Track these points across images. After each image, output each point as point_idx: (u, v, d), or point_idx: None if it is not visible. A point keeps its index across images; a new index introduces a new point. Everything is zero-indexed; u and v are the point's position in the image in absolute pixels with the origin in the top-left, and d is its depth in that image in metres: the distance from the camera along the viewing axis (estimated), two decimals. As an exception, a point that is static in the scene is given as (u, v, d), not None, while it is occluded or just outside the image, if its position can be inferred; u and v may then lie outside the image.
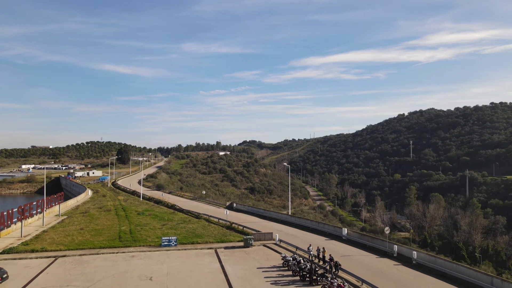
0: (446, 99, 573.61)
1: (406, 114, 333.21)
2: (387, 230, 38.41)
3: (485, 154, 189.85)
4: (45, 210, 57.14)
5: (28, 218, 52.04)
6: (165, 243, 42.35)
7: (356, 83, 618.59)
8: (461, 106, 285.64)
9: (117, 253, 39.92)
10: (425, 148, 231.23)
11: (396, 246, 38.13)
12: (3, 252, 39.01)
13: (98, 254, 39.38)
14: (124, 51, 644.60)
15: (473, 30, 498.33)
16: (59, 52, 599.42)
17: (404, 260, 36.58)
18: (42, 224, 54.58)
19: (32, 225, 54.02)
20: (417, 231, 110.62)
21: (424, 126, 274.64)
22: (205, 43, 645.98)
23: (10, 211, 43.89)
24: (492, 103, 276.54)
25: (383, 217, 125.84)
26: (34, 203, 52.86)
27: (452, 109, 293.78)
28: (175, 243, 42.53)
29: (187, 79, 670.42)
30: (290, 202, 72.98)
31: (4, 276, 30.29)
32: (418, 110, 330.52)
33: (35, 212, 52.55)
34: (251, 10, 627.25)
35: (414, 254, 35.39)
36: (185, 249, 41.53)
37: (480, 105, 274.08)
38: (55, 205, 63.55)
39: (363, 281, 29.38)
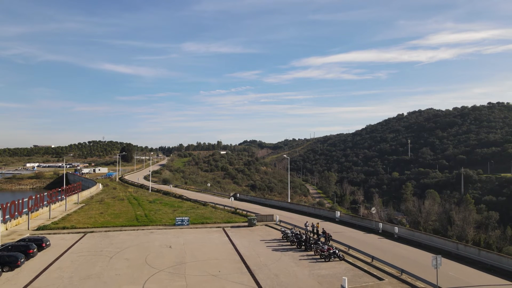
0: (447, 99, 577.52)
1: (405, 114, 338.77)
2: (373, 210, 43.90)
3: (481, 153, 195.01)
4: (66, 198, 62.80)
5: (52, 203, 57.57)
6: (178, 222, 48.00)
7: (357, 83, 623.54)
8: (462, 106, 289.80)
9: (137, 230, 45.68)
10: (423, 147, 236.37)
11: (381, 223, 43.73)
12: (38, 229, 44.71)
13: (121, 230, 45.11)
14: (124, 50, 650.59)
15: (474, 30, 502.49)
16: (59, 52, 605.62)
17: (387, 235, 42.19)
18: (65, 209, 60.36)
19: (56, 210, 59.69)
20: (413, 226, 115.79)
21: (422, 125, 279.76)
22: (206, 43, 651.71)
23: (42, 195, 49.59)
24: (489, 103, 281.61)
25: (380, 213, 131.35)
26: (59, 189, 58.45)
27: (451, 109, 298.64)
28: (187, 222, 48.18)
29: (187, 79, 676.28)
30: (289, 193, 78.25)
31: (47, 243, 36.03)
32: (417, 110, 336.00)
33: (60, 197, 58.15)
34: (252, 9, 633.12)
35: (396, 229, 40.98)
36: (197, 228, 47.20)
37: (478, 105, 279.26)
38: (75, 193, 69.13)
39: (350, 247, 34.98)
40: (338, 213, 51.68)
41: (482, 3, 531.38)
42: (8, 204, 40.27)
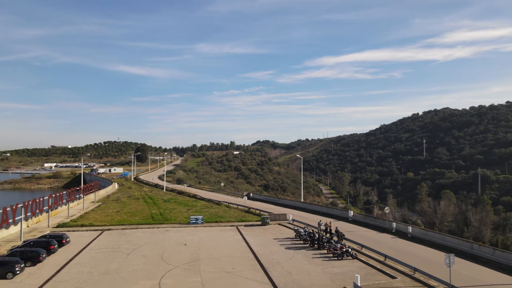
0: (464, 98, 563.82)
1: (420, 113, 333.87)
2: (387, 209, 43.86)
3: (499, 153, 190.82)
4: (83, 197, 64.55)
5: (71, 202, 59.25)
6: (193, 221, 48.88)
7: (371, 83, 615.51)
8: (479, 105, 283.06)
9: (153, 228, 46.71)
10: (439, 147, 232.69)
11: (394, 223, 43.66)
12: (58, 226, 46.19)
13: (137, 228, 46.22)
14: (138, 52, 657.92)
15: (492, 28, 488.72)
16: (75, 54, 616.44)
17: (401, 234, 42.11)
18: (83, 208, 62.03)
19: (74, 209, 61.33)
20: (428, 227, 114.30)
21: (438, 125, 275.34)
22: (219, 43, 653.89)
23: (61, 193, 51.31)
24: (508, 101, 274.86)
25: (395, 213, 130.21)
26: (78, 188, 60.19)
27: (468, 108, 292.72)
28: (201, 221, 49.01)
29: (200, 80, 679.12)
30: (302, 193, 78.40)
31: (67, 239, 37.30)
32: (433, 109, 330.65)
33: (78, 196, 59.91)
34: (264, 10, 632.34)
35: (409, 228, 40.90)
36: (211, 226, 47.96)
37: (496, 104, 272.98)
38: (92, 192, 70.93)
39: (363, 246, 35.14)
40: (351, 213, 51.75)
41: (499, 0, 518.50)
42: (30, 202, 41.73)
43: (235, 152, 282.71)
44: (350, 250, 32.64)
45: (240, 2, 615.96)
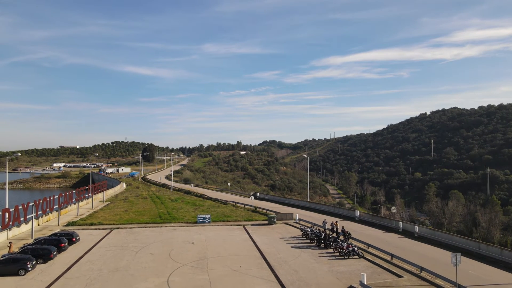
0: (472, 98, 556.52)
1: (428, 113, 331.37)
2: (393, 209, 43.87)
3: (508, 153, 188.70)
4: (92, 196, 65.45)
5: (80, 201, 60.16)
6: (200, 220, 49.33)
7: (378, 83, 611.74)
8: (488, 105, 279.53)
9: (161, 227, 47.27)
10: (447, 147, 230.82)
11: (401, 223, 43.65)
12: (68, 225, 46.95)
13: (145, 227, 46.79)
14: (145, 53, 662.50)
15: (502, 26, 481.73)
16: (83, 55, 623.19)
17: (408, 234, 42.10)
18: (92, 207, 62.92)
19: (83, 208, 62.28)
20: (436, 227, 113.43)
21: (446, 125, 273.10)
22: (225, 43, 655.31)
23: (70, 192, 52.18)
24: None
25: (402, 214, 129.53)
26: (87, 187, 61.07)
27: (477, 107, 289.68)
28: (208, 220, 49.45)
29: (207, 80, 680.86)
30: (309, 193, 78.48)
31: (77, 238, 37.97)
32: (441, 109, 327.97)
33: (87, 195, 60.78)
34: (271, 10, 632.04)
35: (416, 228, 40.88)
36: (218, 225, 48.35)
37: (505, 103, 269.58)
38: (101, 191, 71.84)
39: (370, 245, 35.22)
40: (357, 212, 51.80)
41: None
42: (41, 201, 42.55)
43: (241, 152, 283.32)
44: (356, 249, 32.76)
45: (247, 3, 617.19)
